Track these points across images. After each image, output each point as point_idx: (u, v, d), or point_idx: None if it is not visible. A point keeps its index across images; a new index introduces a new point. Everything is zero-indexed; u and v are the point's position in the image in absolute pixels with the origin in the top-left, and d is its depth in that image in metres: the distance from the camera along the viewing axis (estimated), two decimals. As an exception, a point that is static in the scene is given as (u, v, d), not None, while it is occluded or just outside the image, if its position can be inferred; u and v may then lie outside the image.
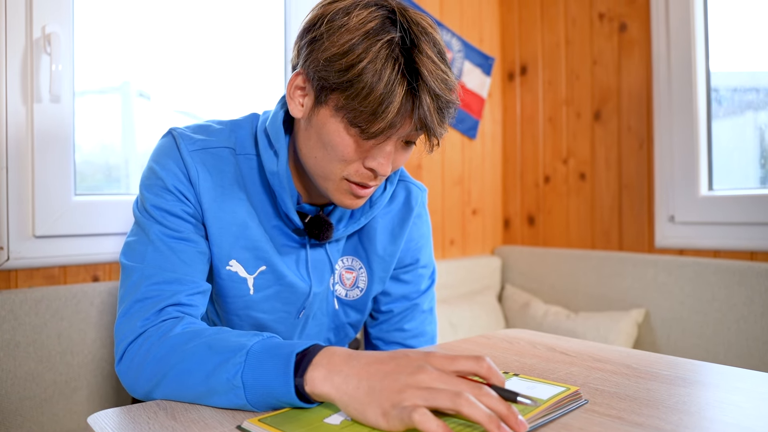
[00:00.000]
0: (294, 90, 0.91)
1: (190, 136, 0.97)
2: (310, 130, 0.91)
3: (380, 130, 0.84)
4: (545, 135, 2.57)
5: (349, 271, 1.10)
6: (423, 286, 1.19)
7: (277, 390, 0.69)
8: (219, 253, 0.97)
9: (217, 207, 0.96)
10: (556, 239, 2.53)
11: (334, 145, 0.87)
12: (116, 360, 0.86)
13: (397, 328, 1.18)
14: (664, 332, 2.03)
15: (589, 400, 0.76)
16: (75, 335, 1.49)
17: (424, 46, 0.83)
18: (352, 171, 0.90)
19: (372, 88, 0.80)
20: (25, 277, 1.49)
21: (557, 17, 2.50)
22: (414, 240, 1.15)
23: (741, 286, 1.83)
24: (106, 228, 1.60)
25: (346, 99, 0.82)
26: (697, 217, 2.04)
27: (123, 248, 0.94)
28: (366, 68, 0.80)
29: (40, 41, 1.48)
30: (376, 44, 0.81)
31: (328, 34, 0.83)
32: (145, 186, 0.96)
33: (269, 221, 1.00)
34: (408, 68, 0.82)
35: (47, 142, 1.50)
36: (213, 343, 0.77)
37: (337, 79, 0.82)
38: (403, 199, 1.13)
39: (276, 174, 0.95)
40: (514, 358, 0.98)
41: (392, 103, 0.81)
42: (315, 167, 0.92)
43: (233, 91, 1.97)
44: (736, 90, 2.07)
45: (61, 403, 1.46)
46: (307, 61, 0.87)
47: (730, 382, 0.83)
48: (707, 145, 2.06)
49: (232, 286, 0.99)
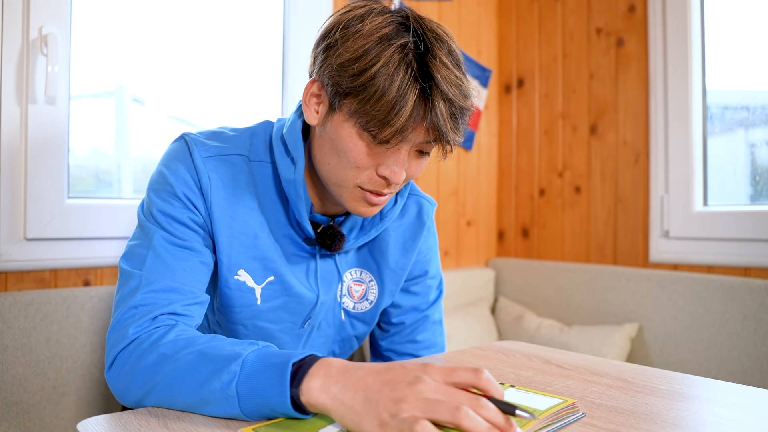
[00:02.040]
0: (310, 97, 0.91)
1: (203, 142, 0.96)
2: (324, 137, 0.90)
3: (391, 135, 0.83)
4: (541, 148, 2.57)
5: (357, 283, 1.09)
6: (432, 297, 1.19)
7: (273, 400, 0.68)
8: (228, 262, 0.95)
9: (228, 216, 0.94)
10: (551, 252, 2.53)
11: (347, 151, 0.87)
12: (106, 367, 0.85)
13: (410, 339, 1.18)
14: (657, 347, 2.02)
15: (586, 414, 0.75)
16: (64, 340, 1.47)
17: (438, 52, 0.83)
18: (366, 178, 0.89)
19: (384, 92, 0.80)
20: (15, 280, 1.47)
21: (555, 31, 2.51)
22: (423, 252, 1.16)
23: (735, 302, 1.83)
24: (98, 232, 1.58)
25: (359, 103, 0.82)
26: (692, 233, 2.04)
27: (124, 251, 0.92)
28: (378, 72, 0.80)
29: (36, 42, 1.47)
30: (389, 48, 0.81)
31: (343, 41, 0.84)
32: (153, 189, 0.94)
33: (280, 230, 0.99)
34: (421, 73, 0.82)
35: (41, 144, 1.49)
36: (206, 350, 0.75)
37: (350, 83, 0.82)
38: (415, 213, 1.13)
39: (292, 182, 0.94)
40: (509, 371, 0.98)
41: (404, 108, 0.81)
42: (329, 174, 0.92)
43: (228, 98, 1.97)
44: (727, 108, 2.08)
45: (48, 408, 1.44)
46: (322, 67, 0.87)
47: (727, 398, 0.83)
48: (702, 161, 2.07)
49: (239, 296, 0.98)
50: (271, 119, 1.06)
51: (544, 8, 2.56)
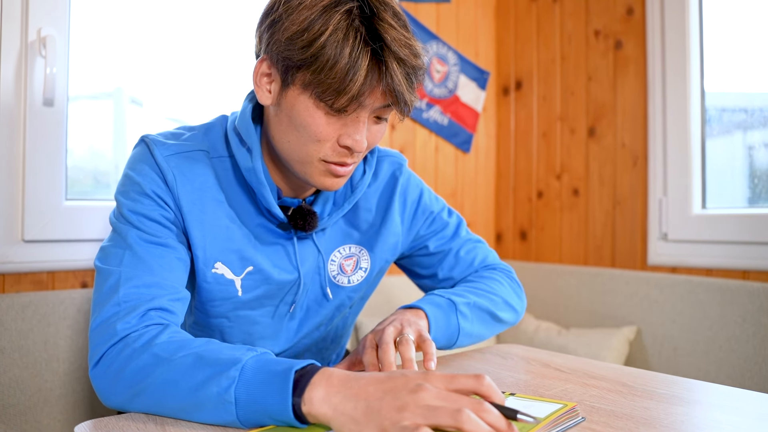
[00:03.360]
0: (260, 77, 0.91)
1: (162, 141, 0.96)
2: (281, 115, 0.90)
3: (348, 101, 0.83)
4: (539, 150, 2.57)
5: (348, 258, 1.09)
6: (451, 230, 1.21)
7: (273, 408, 0.67)
8: (203, 256, 0.95)
9: (198, 210, 0.94)
10: (549, 255, 2.53)
11: (306, 125, 0.87)
12: (91, 364, 0.82)
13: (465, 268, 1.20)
14: (656, 350, 2.02)
15: (586, 418, 0.75)
16: (62, 342, 1.46)
17: (383, 15, 0.84)
18: (328, 150, 0.89)
19: (336, 60, 0.80)
20: (12, 282, 1.47)
21: (553, 33, 2.52)
22: (414, 205, 1.17)
23: (733, 305, 1.83)
24: (96, 234, 1.58)
25: (312, 74, 0.82)
26: (690, 236, 2.04)
27: (98, 253, 0.91)
28: (328, 41, 0.80)
29: (35, 44, 1.47)
30: (335, 15, 0.81)
31: (287, 14, 0.84)
32: (121, 193, 0.94)
33: (252, 220, 0.99)
34: (370, 36, 0.82)
35: (39, 145, 1.49)
36: (204, 354, 0.74)
37: (300, 56, 0.82)
38: (389, 174, 1.14)
39: (252, 170, 0.94)
40: (508, 374, 0.97)
41: (358, 72, 0.81)
42: (290, 152, 0.92)
43: (226, 99, 1.96)
44: (724, 110, 2.08)
45: (45, 411, 1.43)
46: (269, 44, 0.87)
47: (727, 402, 0.83)
48: (701, 164, 2.07)
49: (219, 289, 0.97)
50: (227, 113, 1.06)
51: (542, 10, 2.56)
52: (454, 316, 1.04)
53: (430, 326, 1.00)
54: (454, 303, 1.05)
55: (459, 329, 1.04)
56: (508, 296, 1.16)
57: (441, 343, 1.03)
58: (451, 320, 1.03)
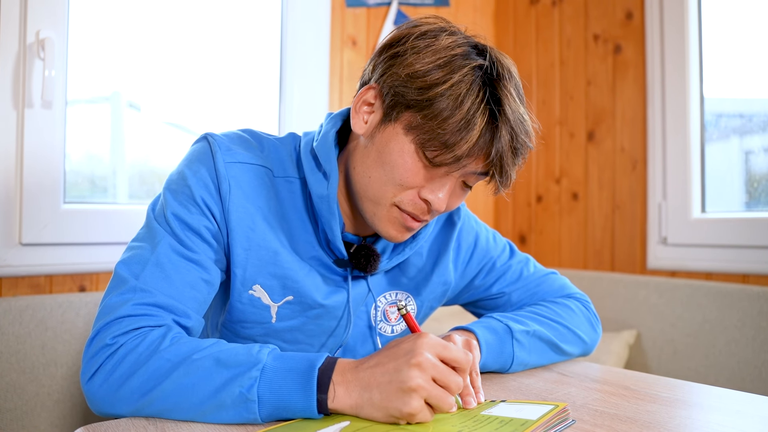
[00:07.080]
0: (361, 105, 0.88)
1: (227, 145, 0.90)
2: (370, 147, 0.87)
3: (451, 160, 0.81)
4: (538, 154, 2.57)
5: (393, 305, 1.04)
6: (515, 273, 1.13)
7: (297, 405, 0.70)
8: (243, 275, 0.90)
9: (246, 227, 0.89)
10: (548, 259, 2.53)
11: (395, 166, 0.84)
12: (86, 377, 0.77)
13: (530, 294, 1.14)
14: (655, 354, 2.02)
15: (576, 420, 0.74)
16: (59, 346, 1.45)
17: (507, 83, 0.82)
18: (406, 198, 0.85)
19: (453, 112, 0.78)
20: (9, 286, 1.46)
21: (552, 38, 2.52)
22: (475, 247, 1.11)
23: (733, 309, 1.83)
24: (94, 237, 1.57)
25: (423, 118, 0.79)
26: (690, 240, 2.04)
27: (124, 252, 0.86)
28: (450, 90, 0.78)
29: (33, 46, 1.47)
30: (464, 68, 0.79)
31: (413, 51, 0.82)
32: (170, 190, 0.88)
33: (306, 251, 0.94)
34: (492, 98, 0.80)
35: (37, 149, 1.48)
36: (220, 356, 0.73)
37: (416, 95, 0.80)
38: (445, 217, 1.08)
39: (325, 198, 0.89)
40: (510, 378, 0.97)
41: (472, 132, 0.78)
42: (367, 188, 0.88)
43: (225, 104, 1.96)
44: (721, 115, 2.08)
45: (43, 415, 1.42)
46: (383, 75, 0.84)
47: (730, 406, 0.82)
48: (700, 168, 2.07)
49: (253, 312, 0.93)
50: (298, 132, 1.01)
51: (542, 15, 2.56)
52: (509, 343, 0.97)
53: (482, 350, 0.94)
54: (510, 330, 0.98)
55: (513, 357, 0.98)
56: (578, 327, 1.10)
57: (492, 368, 0.98)
58: (505, 347, 0.97)
